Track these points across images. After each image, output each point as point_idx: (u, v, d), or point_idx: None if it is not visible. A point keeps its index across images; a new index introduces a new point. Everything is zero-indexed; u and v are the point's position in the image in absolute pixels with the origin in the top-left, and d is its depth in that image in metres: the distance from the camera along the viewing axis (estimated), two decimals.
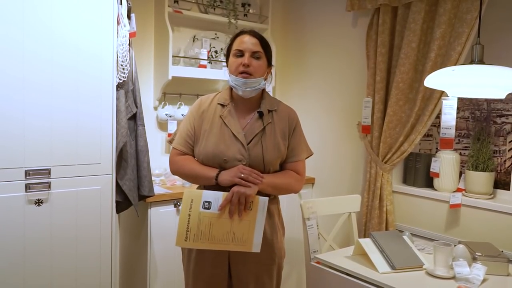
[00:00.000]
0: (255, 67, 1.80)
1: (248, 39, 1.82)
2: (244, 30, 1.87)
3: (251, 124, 1.85)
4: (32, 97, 2.01)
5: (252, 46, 1.81)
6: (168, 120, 2.97)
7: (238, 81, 1.80)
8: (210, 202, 1.69)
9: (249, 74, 1.79)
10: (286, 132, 1.89)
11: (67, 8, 2.08)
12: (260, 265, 1.85)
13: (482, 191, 2.44)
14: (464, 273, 1.80)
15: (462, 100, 2.63)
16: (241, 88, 1.81)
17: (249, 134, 1.83)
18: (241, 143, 1.80)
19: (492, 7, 2.38)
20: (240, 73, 1.80)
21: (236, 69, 1.81)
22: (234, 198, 1.69)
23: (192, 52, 3.02)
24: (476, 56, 1.87)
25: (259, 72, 1.82)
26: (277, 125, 1.87)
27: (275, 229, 1.89)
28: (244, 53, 1.80)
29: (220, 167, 1.80)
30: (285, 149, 1.87)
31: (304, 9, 3.38)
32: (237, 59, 1.82)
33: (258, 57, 1.82)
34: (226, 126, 1.83)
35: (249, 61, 1.79)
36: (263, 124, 1.84)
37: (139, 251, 2.67)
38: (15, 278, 2.01)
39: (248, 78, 1.80)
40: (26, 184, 2.02)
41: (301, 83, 3.41)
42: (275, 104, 1.91)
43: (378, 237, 2.03)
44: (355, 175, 3.02)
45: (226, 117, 1.84)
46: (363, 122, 2.84)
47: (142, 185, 2.47)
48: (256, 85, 1.82)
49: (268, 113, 1.87)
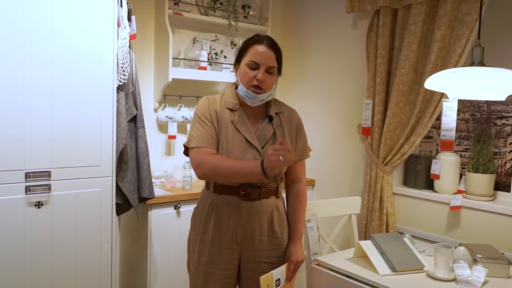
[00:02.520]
0: (268, 83, 1.79)
1: (266, 52, 1.76)
2: (261, 36, 1.81)
3: (262, 128, 1.85)
4: (32, 99, 2.01)
5: (269, 60, 1.77)
6: (168, 122, 2.97)
7: (249, 94, 1.79)
8: (279, 279, 1.82)
9: (261, 88, 1.78)
10: (293, 133, 1.91)
11: (68, 10, 2.08)
12: (270, 264, 1.86)
13: (482, 193, 2.44)
14: (465, 275, 1.79)
15: (463, 102, 2.63)
16: (251, 100, 1.81)
17: (262, 138, 1.83)
18: (256, 148, 1.80)
19: (492, 9, 2.38)
20: (253, 86, 1.78)
21: (249, 81, 1.78)
22: (297, 267, 1.87)
23: (192, 54, 3.02)
24: (476, 58, 1.87)
25: (271, 87, 1.82)
26: (285, 127, 1.89)
27: (284, 227, 1.91)
28: (259, 66, 1.77)
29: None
30: (293, 151, 1.87)
31: (304, 11, 3.38)
32: (251, 71, 1.78)
33: (272, 72, 1.79)
34: (239, 132, 1.81)
35: (263, 77, 1.76)
36: (273, 128, 1.85)
37: (139, 253, 2.67)
38: (15, 280, 2.01)
39: (259, 94, 1.79)
40: (26, 186, 2.02)
41: (302, 84, 3.41)
42: (280, 106, 1.93)
43: (379, 239, 2.02)
44: (356, 177, 3.02)
45: (237, 122, 1.82)
46: (363, 124, 2.83)
47: (143, 187, 2.47)
48: (266, 98, 1.83)
49: (276, 116, 1.88)
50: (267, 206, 1.85)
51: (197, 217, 1.92)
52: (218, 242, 1.84)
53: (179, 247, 2.62)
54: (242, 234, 1.82)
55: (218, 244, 1.84)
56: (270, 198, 1.86)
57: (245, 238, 1.83)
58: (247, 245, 1.84)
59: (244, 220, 1.82)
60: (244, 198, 1.81)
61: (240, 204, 1.81)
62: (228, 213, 1.83)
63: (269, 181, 1.84)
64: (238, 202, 1.82)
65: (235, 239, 1.83)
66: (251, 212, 1.82)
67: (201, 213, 1.89)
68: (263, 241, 1.85)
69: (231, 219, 1.82)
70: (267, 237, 1.85)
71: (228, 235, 1.83)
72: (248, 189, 1.81)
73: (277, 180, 1.88)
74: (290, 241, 1.92)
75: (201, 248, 1.87)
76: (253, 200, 1.82)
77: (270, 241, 1.86)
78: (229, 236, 1.83)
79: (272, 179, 1.84)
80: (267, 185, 1.84)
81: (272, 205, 1.86)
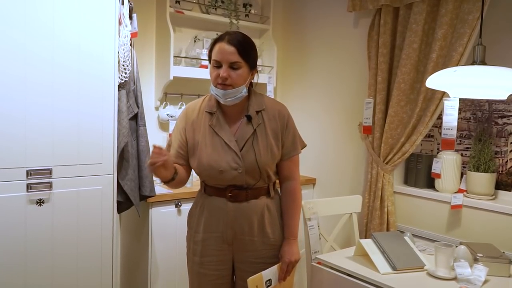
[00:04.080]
0: (234, 78, 1.72)
1: (226, 48, 1.71)
2: (223, 34, 1.78)
3: (241, 130, 1.81)
4: (33, 97, 2.02)
5: (230, 56, 1.71)
6: (169, 120, 2.97)
7: (218, 91, 1.75)
8: (270, 279, 1.82)
9: (229, 85, 1.73)
10: (278, 131, 1.84)
11: (69, 8, 2.08)
12: (264, 264, 1.85)
13: (483, 192, 2.44)
14: (466, 274, 1.79)
15: (464, 100, 2.62)
16: (222, 98, 1.76)
17: (240, 140, 1.80)
18: (234, 151, 1.78)
19: (494, 8, 2.38)
20: (219, 84, 1.74)
21: (214, 80, 1.75)
22: (290, 267, 1.85)
23: (194, 52, 3.02)
24: (478, 57, 1.87)
25: (239, 82, 1.74)
26: (268, 125, 1.83)
27: (277, 227, 1.89)
28: (221, 64, 1.73)
29: (219, 177, 1.79)
30: (278, 149, 1.84)
31: (305, 10, 3.37)
32: (215, 69, 1.75)
33: (236, 67, 1.73)
34: (217, 135, 1.80)
35: (227, 73, 1.71)
36: (253, 127, 1.81)
37: (140, 251, 2.67)
38: (16, 277, 2.02)
39: (227, 89, 1.74)
40: (28, 184, 2.02)
41: (302, 83, 3.41)
42: (263, 103, 1.85)
43: (379, 237, 2.02)
44: (356, 175, 3.02)
45: (215, 126, 1.81)
46: (364, 122, 2.83)
47: (143, 185, 2.47)
48: (237, 94, 1.76)
49: (257, 114, 1.83)
50: (257, 206, 1.83)
51: (191, 217, 1.94)
52: (208, 243, 1.85)
53: (180, 245, 2.63)
54: (232, 235, 1.82)
55: (208, 245, 1.85)
56: (260, 199, 1.84)
57: (236, 239, 1.83)
58: (238, 246, 1.84)
59: (232, 221, 1.81)
60: (231, 200, 1.81)
61: (227, 206, 1.81)
62: (217, 214, 1.83)
63: (255, 182, 1.81)
64: (226, 203, 1.81)
65: (225, 240, 1.83)
66: (239, 213, 1.81)
67: (194, 214, 1.92)
68: (255, 242, 1.84)
69: (220, 220, 1.82)
70: (258, 238, 1.84)
71: (218, 236, 1.83)
72: (234, 191, 1.80)
73: (265, 179, 1.84)
74: (284, 241, 1.90)
75: (194, 248, 1.89)
76: (240, 202, 1.81)
77: (262, 241, 1.85)
78: (219, 237, 1.83)
79: (258, 179, 1.81)
80: (253, 185, 1.82)
81: (262, 205, 1.85)
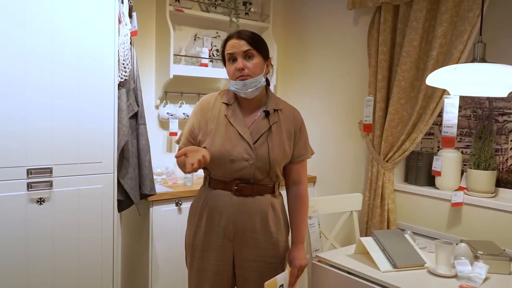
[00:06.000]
0: (250, 68, 1.79)
1: (236, 42, 1.80)
2: (231, 33, 1.85)
3: (256, 123, 1.85)
4: (33, 96, 2.02)
5: (242, 46, 1.79)
6: (169, 118, 2.97)
7: (238, 84, 1.80)
8: (282, 284, 1.82)
9: (247, 75, 1.79)
10: (291, 132, 1.88)
11: (69, 7, 2.08)
12: (265, 263, 1.85)
13: (484, 189, 2.44)
14: (466, 271, 1.79)
15: (464, 98, 2.62)
16: (243, 90, 1.81)
17: (255, 133, 1.83)
18: (247, 142, 1.80)
19: (494, 5, 2.38)
20: (238, 78, 1.80)
21: (233, 74, 1.81)
22: (300, 272, 1.87)
23: (194, 50, 3.02)
24: (478, 54, 1.86)
25: (256, 71, 1.80)
26: (283, 124, 1.87)
27: (280, 227, 1.89)
28: (236, 57, 1.80)
29: (228, 166, 1.80)
30: (290, 149, 1.87)
31: (305, 8, 3.37)
32: (232, 64, 1.82)
33: (250, 55, 1.79)
34: (232, 126, 1.83)
35: (243, 64, 1.78)
36: (269, 123, 1.84)
37: (140, 250, 2.67)
38: (17, 276, 2.02)
39: (247, 80, 1.79)
40: (28, 183, 2.02)
41: (303, 81, 3.41)
42: (280, 104, 1.91)
43: (380, 235, 2.02)
44: (357, 173, 3.02)
45: (231, 116, 1.84)
46: (364, 120, 2.83)
47: (144, 184, 2.47)
48: (257, 84, 1.81)
49: (274, 112, 1.87)
50: (261, 203, 1.83)
51: (192, 212, 1.94)
52: (210, 237, 1.85)
53: (180, 244, 2.63)
54: (234, 231, 1.82)
55: (210, 239, 1.85)
56: (264, 196, 1.85)
57: (237, 235, 1.83)
58: (239, 242, 1.84)
59: (235, 216, 1.81)
60: (237, 194, 1.81)
61: (232, 200, 1.81)
62: (220, 209, 1.83)
63: (263, 177, 1.82)
64: (231, 197, 1.82)
65: (227, 235, 1.83)
66: (243, 208, 1.81)
67: (195, 208, 1.92)
68: (257, 240, 1.83)
69: (223, 214, 1.82)
70: (261, 236, 1.84)
71: (220, 231, 1.83)
72: (240, 184, 1.81)
73: (272, 178, 1.85)
74: (292, 245, 1.91)
75: (195, 244, 1.88)
76: (246, 196, 1.82)
77: (265, 240, 1.85)
78: (220, 232, 1.83)
79: (266, 175, 1.83)
80: (260, 181, 1.83)
81: (267, 203, 1.85)
